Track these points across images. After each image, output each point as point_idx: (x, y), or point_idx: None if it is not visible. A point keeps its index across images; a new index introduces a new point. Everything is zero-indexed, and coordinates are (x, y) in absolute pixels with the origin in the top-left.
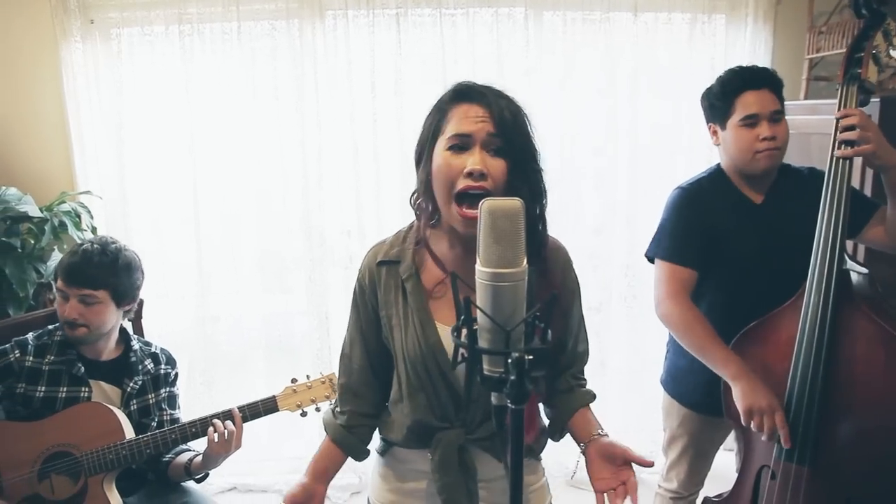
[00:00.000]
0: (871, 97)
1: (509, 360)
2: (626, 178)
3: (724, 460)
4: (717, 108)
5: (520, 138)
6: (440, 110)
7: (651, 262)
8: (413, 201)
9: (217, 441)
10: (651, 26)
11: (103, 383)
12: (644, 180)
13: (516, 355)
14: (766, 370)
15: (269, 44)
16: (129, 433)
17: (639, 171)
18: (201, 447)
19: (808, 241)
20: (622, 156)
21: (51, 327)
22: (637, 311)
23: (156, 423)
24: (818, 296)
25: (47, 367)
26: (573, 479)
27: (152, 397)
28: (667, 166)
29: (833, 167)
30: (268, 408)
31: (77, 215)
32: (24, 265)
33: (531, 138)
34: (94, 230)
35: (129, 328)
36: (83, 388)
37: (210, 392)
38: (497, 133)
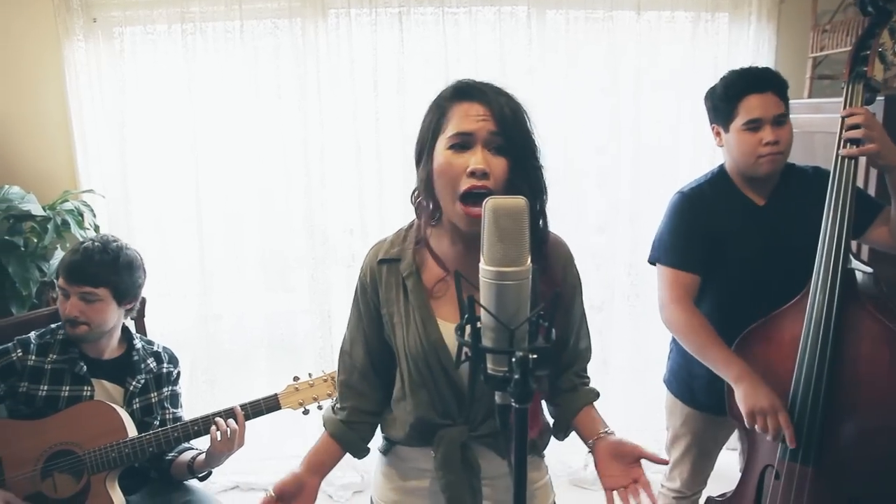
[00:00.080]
0: (877, 95)
1: (513, 359)
2: (629, 176)
3: (728, 460)
4: (721, 110)
5: (520, 136)
6: (439, 108)
7: (653, 265)
8: (414, 199)
9: (219, 439)
10: (654, 25)
11: (106, 382)
12: (647, 179)
13: (520, 354)
14: (770, 369)
15: (272, 42)
16: (131, 432)
17: (642, 170)
18: (204, 445)
19: (811, 242)
20: (625, 154)
21: (53, 326)
22: (640, 311)
23: (158, 422)
24: (823, 295)
25: (50, 366)
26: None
27: (155, 396)
28: (670, 165)
29: (838, 166)
30: (270, 406)
31: (80, 214)
32: (27, 264)
33: (531, 135)
34: (96, 229)
35: (131, 327)
36: (85, 387)
37: (212, 390)
38: (498, 131)
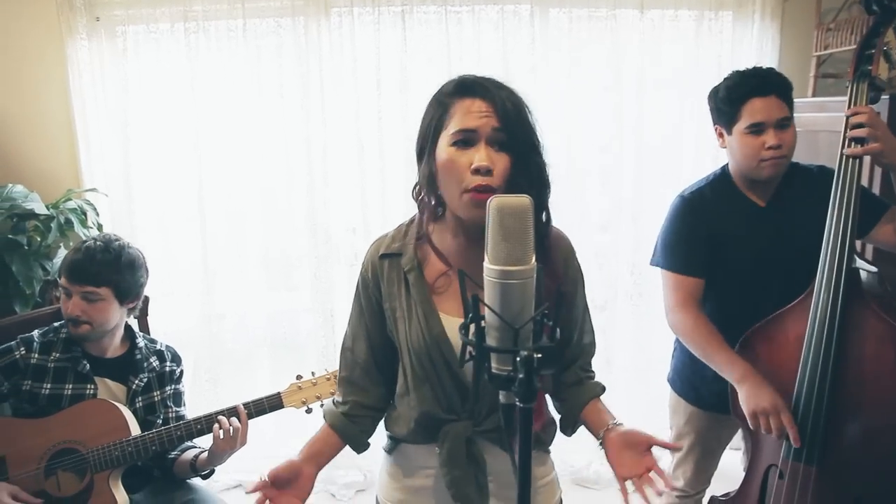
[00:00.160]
0: (881, 94)
1: (518, 359)
2: (633, 175)
3: (731, 459)
4: (723, 112)
5: (523, 131)
6: (441, 104)
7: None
8: (415, 195)
9: (222, 438)
10: (657, 23)
11: (109, 380)
12: (650, 178)
13: (525, 354)
14: (774, 369)
15: (275, 41)
16: (134, 430)
17: (645, 169)
18: (207, 444)
19: (814, 242)
20: (628, 153)
21: (56, 324)
22: (643, 310)
23: (161, 421)
24: (827, 294)
25: (53, 365)
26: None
27: (158, 394)
28: (673, 164)
29: (842, 165)
30: (273, 405)
31: (83, 213)
32: (31, 262)
33: (534, 130)
34: (99, 227)
35: (135, 326)
36: (89, 386)
37: (215, 389)
38: (501, 128)
